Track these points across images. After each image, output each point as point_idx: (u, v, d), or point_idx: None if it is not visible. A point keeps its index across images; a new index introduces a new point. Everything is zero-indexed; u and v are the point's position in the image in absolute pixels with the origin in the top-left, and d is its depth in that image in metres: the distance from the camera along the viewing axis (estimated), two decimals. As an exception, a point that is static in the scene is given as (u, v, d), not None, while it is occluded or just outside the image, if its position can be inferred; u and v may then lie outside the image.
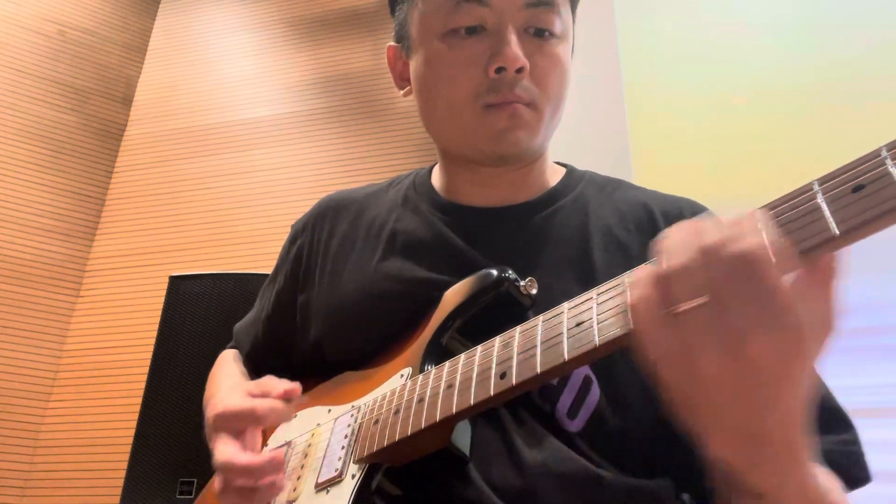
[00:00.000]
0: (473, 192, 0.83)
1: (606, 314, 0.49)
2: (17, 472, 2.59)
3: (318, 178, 2.95)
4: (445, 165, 0.87)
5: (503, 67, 0.72)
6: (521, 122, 0.75)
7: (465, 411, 0.57)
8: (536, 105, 0.76)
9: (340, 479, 0.65)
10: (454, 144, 0.81)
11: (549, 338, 0.53)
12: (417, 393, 0.63)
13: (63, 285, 2.89)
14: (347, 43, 3.26)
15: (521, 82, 0.74)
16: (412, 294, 0.76)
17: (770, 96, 2.15)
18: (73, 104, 3.16)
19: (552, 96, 0.77)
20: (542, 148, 0.81)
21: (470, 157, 0.80)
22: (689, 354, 0.41)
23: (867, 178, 0.38)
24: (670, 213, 0.77)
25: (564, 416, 0.66)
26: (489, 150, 0.76)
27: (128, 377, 2.62)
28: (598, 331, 0.48)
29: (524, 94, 0.74)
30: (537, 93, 0.75)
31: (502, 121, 0.74)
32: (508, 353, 0.56)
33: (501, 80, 0.73)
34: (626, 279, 0.49)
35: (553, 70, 0.77)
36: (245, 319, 1.01)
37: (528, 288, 0.69)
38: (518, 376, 0.53)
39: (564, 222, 0.78)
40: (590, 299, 0.51)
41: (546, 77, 0.76)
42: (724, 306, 0.39)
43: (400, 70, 0.88)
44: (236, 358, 0.98)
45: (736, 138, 2.12)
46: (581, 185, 0.84)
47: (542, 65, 0.76)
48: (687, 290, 0.41)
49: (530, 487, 0.62)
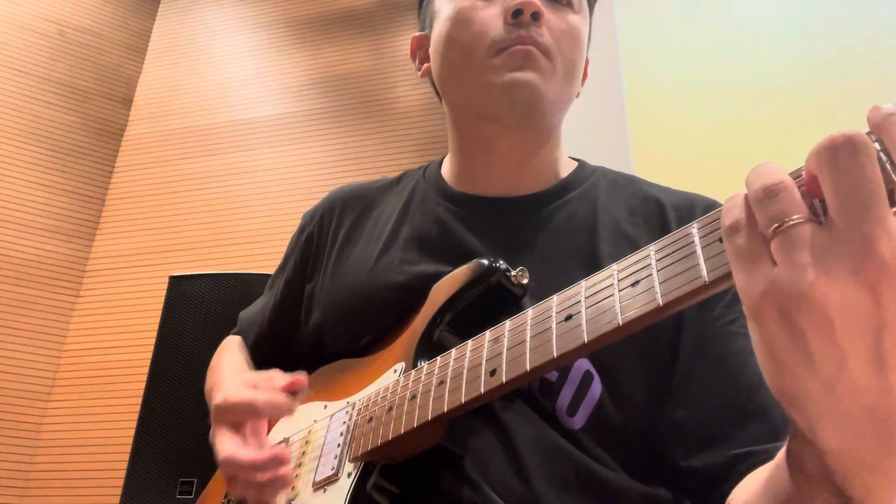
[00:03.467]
0: (482, 180, 0.83)
1: (594, 308, 0.48)
2: (17, 472, 2.59)
3: (317, 178, 2.94)
4: (456, 150, 0.86)
5: (520, 10, 0.75)
6: (534, 65, 0.75)
7: (457, 409, 0.57)
8: (552, 55, 0.77)
9: (337, 478, 0.65)
10: (467, 96, 0.81)
11: (537, 333, 0.52)
12: (410, 390, 0.63)
13: (63, 285, 2.89)
14: (347, 43, 3.26)
15: (537, 29, 0.76)
16: (410, 287, 0.75)
17: (770, 94, 2.15)
18: (73, 104, 3.16)
19: (566, 57, 0.78)
20: (554, 111, 0.81)
21: (481, 109, 0.80)
22: (798, 285, 0.32)
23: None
24: (681, 208, 0.76)
25: (564, 414, 0.66)
26: (501, 96, 0.77)
27: (128, 377, 2.62)
28: (587, 327, 0.48)
29: (539, 40, 0.76)
30: (553, 45, 0.77)
31: (515, 61, 0.75)
32: (498, 348, 0.55)
33: (518, 23, 0.75)
34: (615, 268, 0.48)
35: (568, 34, 0.79)
36: (252, 307, 1.01)
37: (519, 278, 0.68)
38: (508, 373, 0.53)
39: (573, 215, 0.78)
40: (578, 293, 0.50)
41: (561, 38, 0.78)
42: (857, 212, 0.31)
43: (422, 56, 0.90)
44: (240, 346, 0.97)
45: (736, 136, 2.12)
46: (592, 178, 0.83)
47: (557, 26, 0.78)
48: (801, 202, 0.34)
49: (531, 489, 0.62)
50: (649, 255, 0.47)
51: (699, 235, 0.43)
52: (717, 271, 0.40)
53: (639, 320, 0.45)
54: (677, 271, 0.43)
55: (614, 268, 0.49)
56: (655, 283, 0.44)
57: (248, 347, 0.96)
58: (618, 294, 0.47)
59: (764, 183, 0.35)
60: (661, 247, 0.46)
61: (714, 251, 0.41)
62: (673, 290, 0.43)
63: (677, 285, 0.43)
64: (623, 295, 0.47)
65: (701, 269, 0.41)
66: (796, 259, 0.32)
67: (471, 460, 0.63)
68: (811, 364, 0.33)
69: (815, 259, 0.32)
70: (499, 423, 0.65)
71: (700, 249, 0.42)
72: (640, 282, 0.46)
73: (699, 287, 0.41)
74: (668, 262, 0.44)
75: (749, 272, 0.35)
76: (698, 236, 0.43)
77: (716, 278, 0.40)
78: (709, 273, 0.41)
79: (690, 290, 0.42)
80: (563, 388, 0.66)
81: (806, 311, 0.32)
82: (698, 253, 0.42)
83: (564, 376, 0.66)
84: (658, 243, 0.46)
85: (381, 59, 3.19)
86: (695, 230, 0.43)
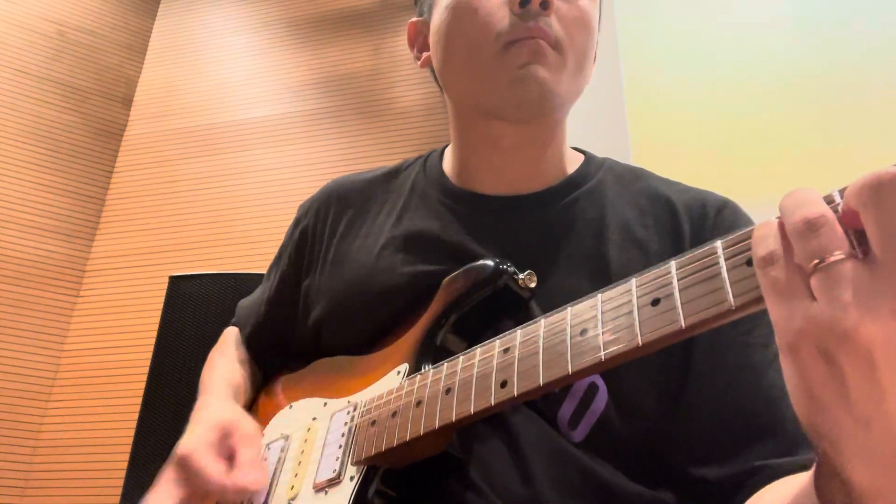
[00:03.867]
0: (486, 178, 0.79)
1: (612, 325, 0.46)
2: (17, 472, 2.59)
3: (318, 178, 2.94)
4: (459, 140, 0.83)
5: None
6: (543, 60, 0.70)
7: (465, 419, 0.55)
8: (562, 47, 0.71)
9: (339, 481, 0.65)
10: (471, 93, 0.76)
11: (551, 346, 0.50)
12: (415, 396, 0.62)
13: (63, 285, 2.89)
14: (348, 43, 3.26)
15: (546, 19, 0.70)
16: (412, 287, 0.74)
17: (770, 92, 2.15)
18: (73, 104, 3.15)
19: (577, 48, 0.73)
20: (563, 106, 0.77)
21: (487, 108, 0.75)
22: (840, 324, 0.31)
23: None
24: (693, 209, 0.73)
25: (566, 426, 0.64)
26: (509, 94, 0.71)
27: (128, 377, 2.62)
28: (604, 345, 0.46)
29: (549, 31, 0.70)
30: (563, 35, 0.71)
31: (523, 56, 0.70)
32: (509, 359, 0.54)
33: (525, 13, 0.70)
34: (633, 283, 0.47)
35: (579, 22, 0.73)
36: (250, 297, 1.00)
37: (526, 281, 0.67)
38: (520, 387, 0.51)
39: (579, 215, 0.75)
40: (594, 306, 0.49)
41: (572, 27, 0.72)
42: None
43: (420, 44, 0.85)
44: (237, 340, 0.96)
45: (735, 134, 2.12)
46: (600, 174, 0.79)
47: (568, 13, 0.72)
48: (843, 237, 0.33)
49: (535, 493, 0.61)
50: (670, 273, 0.44)
51: (724, 257, 0.41)
52: (745, 297, 0.39)
53: (659, 341, 0.44)
54: (701, 293, 0.41)
55: (633, 282, 0.47)
56: (678, 303, 0.43)
57: (245, 337, 0.95)
58: (637, 312, 0.45)
59: (805, 215, 0.34)
60: (683, 264, 0.44)
61: (741, 275, 0.39)
62: (697, 312, 0.41)
63: (701, 307, 0.41)
64: (643, 313, 0.45)
65: (727, 293, 0.39)
66: (839, 297, 0.32)
67: (474, 465, 0.63)
68: (848, 402, 0.32)
69: (857, 297, 0.31)
70: (504, 427, 0.64)
71: (725, 272, 0.40)
72: (661, 300, 0.44)
73: (724, 311, 0.40)
74: (691, 283, 0.42)
75: (786, 307, 0.34)
76: (723, 257, 0.41)
77: (742, 304, 0.39)
78: (735, 298, 0.39)
79: (716, 314, 0.40)
80: (565, 399, 0.65)
81: (848, 350, 0.31)
82: (724, 276, 0.40)
83: (567, 388, 0.65)
84: (679, 259, 0.44)
85: (381, 59, 3.18)
86: (720, 249, 0.41)
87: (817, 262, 0.33)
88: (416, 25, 0.86)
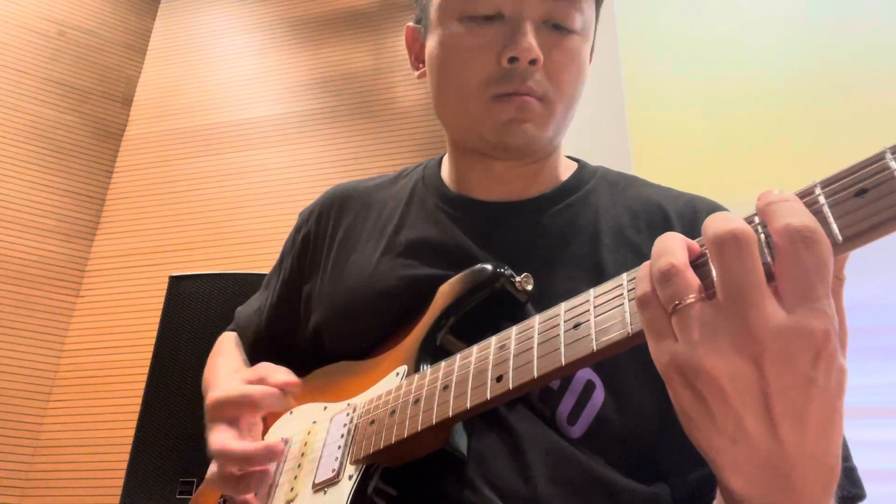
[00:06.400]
0: (482, 186, 0.81)
1: (604, 317, 0.48)
2: (17, 472, 2.59)
3: (318, 179, 2.94)
4: (455, 156, 0.85)
5: (516, 57, 0.70)
6: (529, 115, 0.72)
7: (462, 414, 0.56)
8: (549, 100, 0.73)
9: (338, 480, 0.65)
10: (460, 132, 0.80)
11: (545, 340, 0.52)
12: (413, 394, 0.62)
13: (63, 285, 2.89)
14: (348, 43, 3.26)
15: (533, 75, 0.72)
16: (411, 291, 0.75)
17: (769, 92, 2.15)
18: (73, 104, 3.16)
19: (566, 93, 0.75)
20: (553, 144, 0.79)
21: (475, 147, 0.78)
22: (692, 359, 0.37)
23: (871, 181, 0.37)
24: (685, 214, 0.75)
25: (564, 422, 0.65)
26: (494, 140, 0.75)
27: (128, 377, 2.62)
28: (596, 336, 0.47)
29: (536, 88, 0.72)
30: (550, 88, 0.73)
31: (510, 112, 0.72)
32: (505, 354, 0.55)
33: (513, 70, 0.71)
34: (624, 278, 0.48)
35: (569, 66, 0.74)
36: (249, 304, 1.00)
37: (523, 284, 0.68)
38: (515, 380, 0.52)
39: (574, 220, 0.76)
40: (587, 301, 0.50)
41: (561, 73, 0.74)
42: (736, 300, 0.36)
43: (417, 51, 0.86)
44: (237, 343, 0.97)
45: (735, 134, 2.12)
46: (592, 181, 0.81)
47: (558, 59, 0.73)
48: (693, 283, 0.38)
49: (534, 490, 0.62)
50: None
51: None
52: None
53: None
54: None
55: (623, 277, 0.48)
56: None
57: (247, 346, 0.96)
58: (627, 303, 0.46)
59: (659, 267, 0.39)
60: None
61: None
62: None
63: None
64: (633, 304, 0.46)
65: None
66: (690, 336, 0.37)
67: (473, 462, 0.63)
68: (714, 422, 0.38)
69: (703, 335, 0.37)
70: (502, 424, 0.65)
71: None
72: None
73: None
74: None
75: (657, 343, 0.40)
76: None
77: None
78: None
79: None
80: (564, 396, 0.65)
81: (702, 381, 0.37)
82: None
83: (566, 385, 0.65)
84: None
85: (381, 59, 3.19)
86: None
87: (676, 303, 0.38)
88: (414, 32, 0.87)
